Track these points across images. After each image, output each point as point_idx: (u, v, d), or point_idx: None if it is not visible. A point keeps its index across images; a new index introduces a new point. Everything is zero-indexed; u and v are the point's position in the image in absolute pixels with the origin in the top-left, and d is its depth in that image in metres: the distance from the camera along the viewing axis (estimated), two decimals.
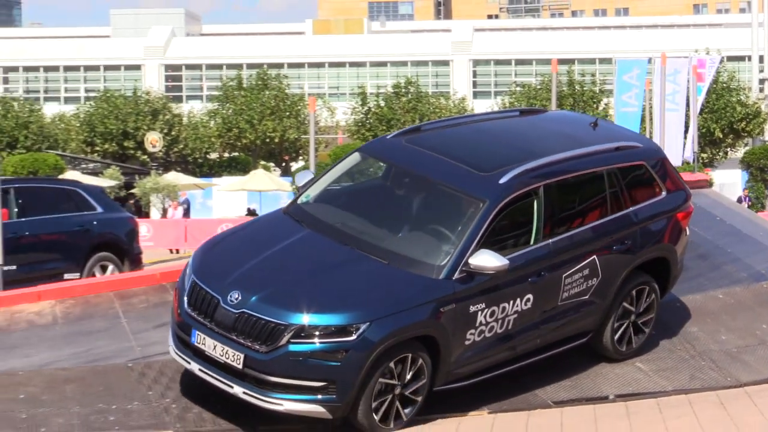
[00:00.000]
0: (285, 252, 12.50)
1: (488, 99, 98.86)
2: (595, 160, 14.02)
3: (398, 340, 11.60)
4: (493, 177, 12.80)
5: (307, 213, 13.29)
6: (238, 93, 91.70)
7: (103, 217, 24.45)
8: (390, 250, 12.46)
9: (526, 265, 12.65)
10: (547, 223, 13.00)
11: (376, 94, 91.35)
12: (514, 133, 14.87)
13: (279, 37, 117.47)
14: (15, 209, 23.09)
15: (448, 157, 13.46)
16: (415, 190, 13.47)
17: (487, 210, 12.41)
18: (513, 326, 12.57)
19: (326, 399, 11.33)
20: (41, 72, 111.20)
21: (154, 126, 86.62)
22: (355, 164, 14.11)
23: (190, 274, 12.48)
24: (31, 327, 16.45)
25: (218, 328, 11.69)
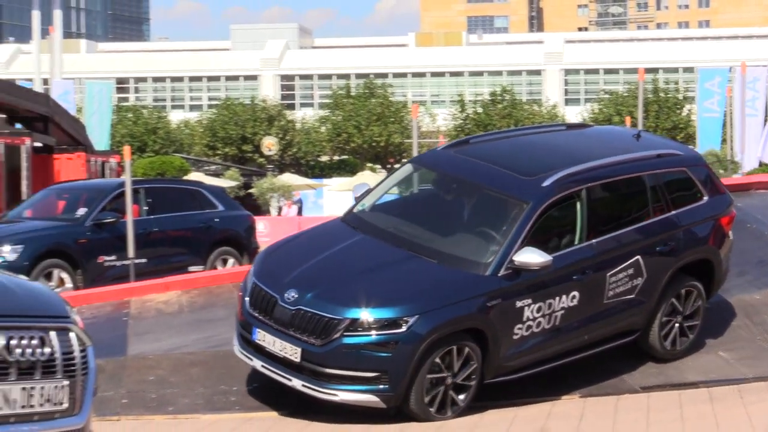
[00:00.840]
0: (339, 254, 12.53)
1: (578, 106, 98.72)
2: (637, 165, 13.84)
3: (446, 332, 11.55)
4: (536, 181, 12.71)
5: (361, 220, 13.30)
6: (346, 101, 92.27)
7: (224, 215, 24.68)
8: (439, 250, 12.44)
9: (571, 264, 12.53)
10: (590, 224, 12.86)
11: (474, 101, 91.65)
12: (559, 143, 14.79)
13: (384, 49, 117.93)
14: (145, 207, 23.38)
15: (495, 164, 13.43)
16: (464, 195, 13.49)
17: (531, 211, 12.32)
18: (560, 322, 12.42)
19: (379, 389, 11.29)
20: (168, 82, 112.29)
21: (270, 131, 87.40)
22: (407, 174, 14.14)
23: (252, 277, 12.55)
24: (160, 315, 16.66)
25: (277, 325, 11.73)
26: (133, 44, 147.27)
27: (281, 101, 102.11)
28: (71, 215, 23.24)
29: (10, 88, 35.27)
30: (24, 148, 31.21)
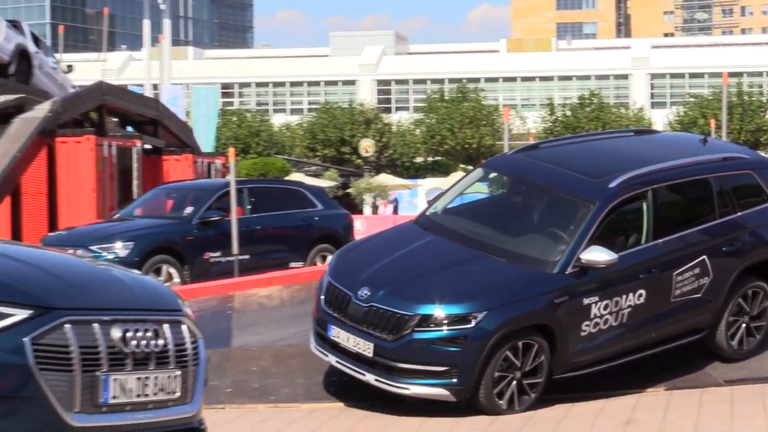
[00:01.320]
0: (410, 254, 12.54)
1: (664, 109, 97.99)
2: (702, 168, 13.69)
3: (514, 328, 11.52)
4: (603, 182, 12.65)
5: (433, 221, 13.29)
6: (440, 104, 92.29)
7: (323, 214, 24.78)
8: (508, 249, 12.41)
9: (637, 263, 12.40)
10: (656, 224, 12.70)
11: (563, 104, 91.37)
12: (626, 148, 14.67)
13: (476, 55, 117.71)
14: (248, 206, 23.54)
15: (563, 167, 13.40)
16: (532, 197, 13.48)
17: (597, 211, 12.25)
18: (628, 319, 12.29)
19: (449, 383, 11.26)
20: (270, 87, 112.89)
21: (367, 134, 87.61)
22: (478, 178, 14.12)
23: (327, 276, 12.60)
24: (262, 308, 16.79)
25: (350, 322, 11.75)
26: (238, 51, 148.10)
27: (378, 105, 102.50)
28: (179, 214, 23.52)
29: (122, 93, 35.62)
30: (135, 150, 31.49)
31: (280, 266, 21.92)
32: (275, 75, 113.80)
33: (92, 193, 29.31)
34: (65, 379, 5.84)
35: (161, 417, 6.35)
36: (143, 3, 63.54)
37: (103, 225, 24.17)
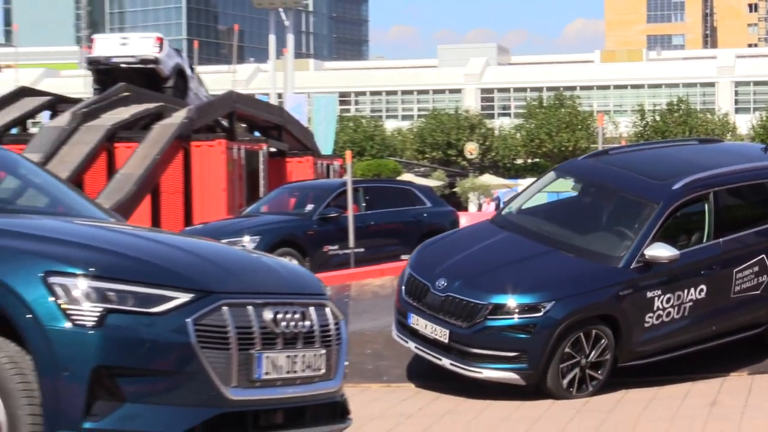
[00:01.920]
0: (485, 249, 12.48)
1: (747, 114, 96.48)
2: (762, 173, 13.40)
3: (580, 317, 11.42)
4: (667, 184, 12.45)
5: (507, 220, 13.22)
6: (539, 111, 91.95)
7: (432, 211, 24.84)
8: (576, 245, 12.31)
9: (699, 260, 12.19)
10: (717, 224, 12.43)
11: (652, 110, 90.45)
12: (690, 154, 14.45)
13: (572, 65, 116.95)
14: (363, 204, 23.69)
15: (630, 171, 13.23)
16: (600, 198, 13.33)
17: (661, 210, 12.06)
18: (689, 313, 12.06)
19: (519, 367, 11.22)
20: (383, 95, 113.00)
21: (471, 138, 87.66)
22: (551, 181, 14.01)
23: (408, 269, 12.61)
24: (375, 297, 16.86)
25: (428, 311, 11.74)
26: (354, 63, 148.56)
27: (481, 111, 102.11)
28: (301, 210, 23.77)
29: (250, 102, 35.96)
30: (261, 152, 31.77)
31: (391, 258, 21.97)
32: (388, 84, 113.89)
33: (223, 192, 29.67)
34: (223, 357, 5.95)
35: (308, 392, 6.44)
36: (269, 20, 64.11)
37: (233, 220, 24.47)
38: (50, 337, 5.71)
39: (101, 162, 29.27)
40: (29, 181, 7.96)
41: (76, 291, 5.77)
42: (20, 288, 5.80)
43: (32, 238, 6.23)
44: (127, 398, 5.75)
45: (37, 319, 5.73)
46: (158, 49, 34.54)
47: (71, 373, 5.67)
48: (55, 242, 6.17)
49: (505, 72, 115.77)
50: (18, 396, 5.71)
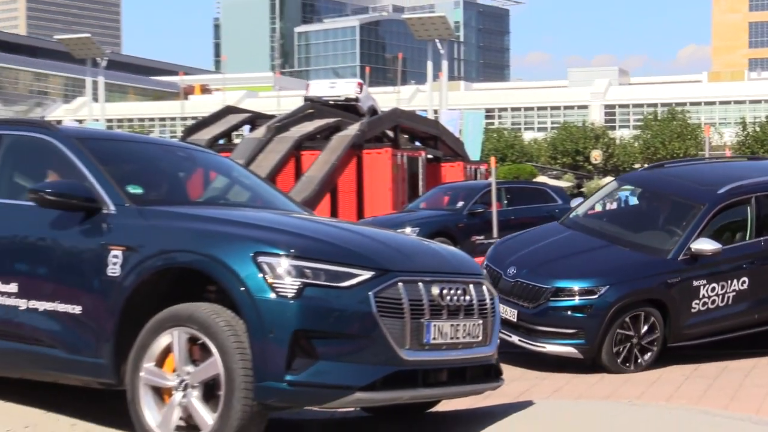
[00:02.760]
0: (551, 243, 12.24)
1: None
2: None
3: (631, 300, 11.14)
4: (712, 188, 12.09)
5: (573, 221, 12.96)
6: (654, 123, 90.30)
7: (562, 207, 24.54)
8: (631, 240, 12.02)
9: (742, 255, 11.77)
10: (759, 225, 11.99)
11: (753, 123, 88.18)
12: (737, 167, 14.11)
13: (683, 84, 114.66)
14: (505, 201, 23.69)
15: (683, 179, 12.94)
16: (655, 201, 12.96)
17: (706, 210, 11.69)
18: (732, 302, 11.63)
19: (578, 343, 11.00)
20: (522, 111, 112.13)
21: (596, 146, 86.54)
22: (613, 189, 13.72)
23: (485, 260, 12.42)
24: None
25: (501, 294, 11.49)
26: (497, 84, 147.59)
27: (605, 124, 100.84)
28: (453, 207, 23.94)
29: (411, 117, 36.20)
30: (420, 159, 31.93)
31: None
32: (526, 102, 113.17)
33: (389, 191, 29.91)
34: (398, 324, 5.99)
35: (467, 355, 6.43)
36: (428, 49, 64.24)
37: (397, 215, 24.74)
38: (259, 305, 5.82)
39: (290, 166, 29.79)
40: (237, 180, 8.07)
41: (279, 268, 5.87)
42: (235, 266, 5.92)
43: (244, 225, 6.36)
44: (320, 357, 5.83)
45: (248, 291, 5.85)
46: (359, 90, 37.05)
47: (275, 335, 5.78)
48: (262, 229, 6.30)
49: (625, 91, 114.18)
50: (233, 353, 5.83)
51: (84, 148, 6.98)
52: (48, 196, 6.57)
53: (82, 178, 6.76)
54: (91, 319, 6.38)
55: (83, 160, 6.88)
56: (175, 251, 6.19)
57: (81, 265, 6.49)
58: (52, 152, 7.07)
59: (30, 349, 6.63)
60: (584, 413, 7.19)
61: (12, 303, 6.69)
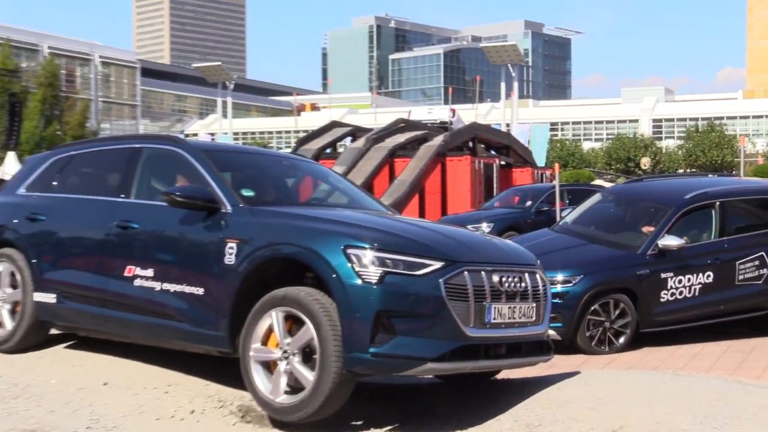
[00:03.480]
0: (539, 244, 11.53)
1: None
2: (763, 189, 12.39)
3: (602, 288, 10.72)
4: (680, 194, 11.71)
5: (561, 227, 12.63)
6: (695, 134, 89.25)
7: None
8: (607, 239, 11.61)
9: (707, 252, 11.29)
10: (722, 226, 11.49)
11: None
12: (707, 181, 13.58)
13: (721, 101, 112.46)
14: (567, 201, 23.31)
15: (656, 188, 12.68)
16: (631, 207, 12.49)
17: (673, 212, 11.29)
18: (699, 293, 11.14)
19: (556, 326, 10.48)
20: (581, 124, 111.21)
21: (645, 154, 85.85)
22: (597, 201, 13.15)
23: None
24: None
25: None
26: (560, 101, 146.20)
27: (653, 135, 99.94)
28: (522, 206, 23.86)
29: (487, 129, 36.00)
30: (494, 165, 31.78)
31: None
32: (584, 117, 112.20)
33: (468, 193, 29.86)
34: (464, 306, 6.00)
35: (523, 332, 6.41)
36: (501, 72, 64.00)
37: (475, 213, 24.76)
38: (348, 290, 5.87)
39: (385, 172, 29.87)
40: (335, 186, 8.10)
41: (365, 259, 5.92)
42: (329, 256, 5.98)
43: (336, 223, 6.40)
44: (398, 332, 5.85)
45: (339, 278, 5.91)
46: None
47: (361, 314, 5.82)
48: (351, 226, 6.32)
49: (670, 107, 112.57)
50: (327, 328, 5.91)
51: (206, 159, 7.08)
52: (177, 198, 6.70)
53: (204, 183, 6.87)
54: (212, 299, 6.47)
55: (206, 168, 6.99)
56: (280, 244, 6.25)
57: (203, 254, 6.58)
58: (181, 162, 7.19)
59: (163, 323, 6.75)
60: (629, 381, 7.06)
61: (149, 285, 6.81)
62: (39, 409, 6.49)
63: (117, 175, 7.53)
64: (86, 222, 7.40)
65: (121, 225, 7.09)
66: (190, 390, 6.86)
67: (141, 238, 7.00)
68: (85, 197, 7.64)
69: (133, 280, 6.89)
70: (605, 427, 6.07)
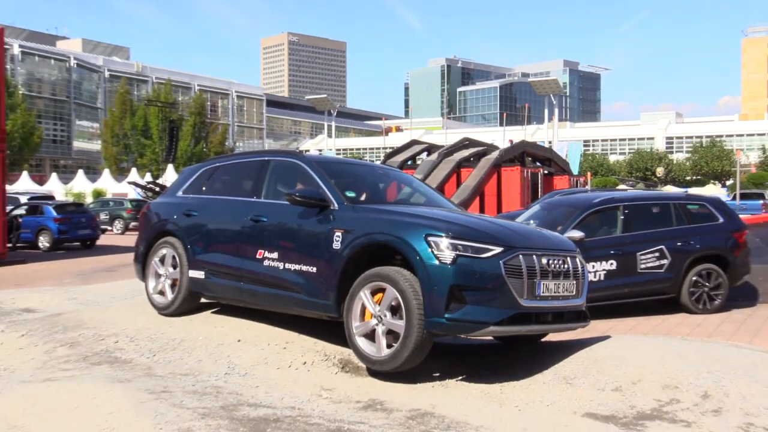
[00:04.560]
0: None
1: None
2: (665, 197, 11.84)
3: None
4: (590, 200, 11.34)
5: None
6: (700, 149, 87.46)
7: None
8: None
9: (611, 244, 10.75)
10: (625, 224, 11.02)
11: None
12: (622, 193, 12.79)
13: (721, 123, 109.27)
14: None
15: (576, 197, 12.13)
16: (556, 211, 11.70)
17: (580, 212, 10.95)
18: (605, 278, 10.61)
19: None
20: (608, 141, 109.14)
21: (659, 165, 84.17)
22: (539, 206, 12.49)
23: None
24: None
25: None
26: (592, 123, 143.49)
27: (665, 150, 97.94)
28: None
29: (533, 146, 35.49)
30: (539, 174, 31.32)
31: None
32: (611, 135, 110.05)
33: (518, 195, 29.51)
34: (519, 282, 5.92)
35: (565, 304, 6.28)
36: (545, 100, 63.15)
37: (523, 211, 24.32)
38: (428, 268, 5.84)
39: (453, 179, 29.70)
40: (416, 189, 8.05)
41: (442, 244, 5.88)
42: (413, 243, 5.96)
43: (419, 217, 6.32)
44: (467, 302, 5.79)
45: (421, 259, 5.88)
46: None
47: (438, 288, 5.78)
48: (431, 219, 6.25)
49: (680, 127, 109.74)
50: (411, 298, 5.90)
51: (319, 168, 7.11)
52: (297, 198, 6.73)
53: (317, 187, 6.89)
54: (323, 276, 6.48)
55: (319, 175, 7.01)
56: (375, 233, 6.24)
57: (316, 241, 6.60)
58: (299, 170, 7.22)
59: (285, 294, 6.77)
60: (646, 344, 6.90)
61: (275, 265, 6.85)
62: (190, 358, 6.62)
63: (250, 181, 7.60)
64: (227, 217, 7.48)
65: (253, 219, 7.16)
66: (303, 346, 6.88)
67: (269, 229, 7.04)
68: (227, 198, 7.72)
69: (263, 261, 6.94)
70: (626, 380, 5.97)
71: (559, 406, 5.71)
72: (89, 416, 4.97)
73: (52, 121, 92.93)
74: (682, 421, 5.34)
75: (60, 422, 4.93)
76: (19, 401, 5.29)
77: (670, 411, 5.51)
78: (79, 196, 49.73)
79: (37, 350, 6.93)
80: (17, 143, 62.74)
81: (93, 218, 27.19)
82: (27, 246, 25.60)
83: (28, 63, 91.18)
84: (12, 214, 25.27)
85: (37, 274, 17.80)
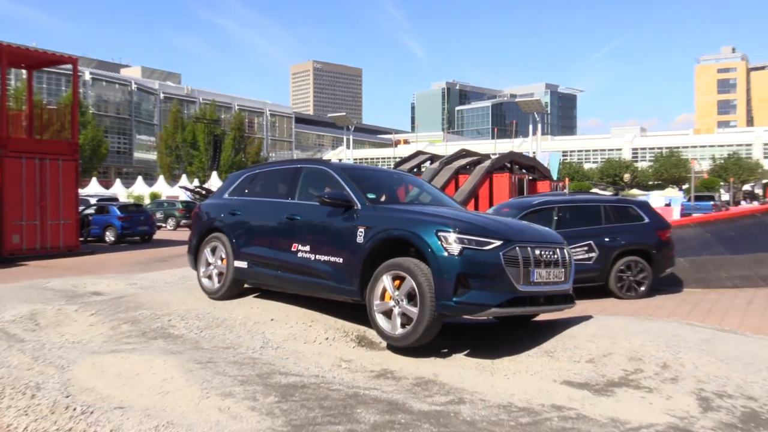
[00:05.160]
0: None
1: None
2: (595, 200, 11.55)
3: None
4: (530, 202, 11.27)
5: None
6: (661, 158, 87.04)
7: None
8: None
9: None
10: (559, 222, 10.89)
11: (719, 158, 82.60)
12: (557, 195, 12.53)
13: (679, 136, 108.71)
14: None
15: (521, 201, 11.84)
16: (510, 212, 11.11)
17: (517, 213, 10.76)
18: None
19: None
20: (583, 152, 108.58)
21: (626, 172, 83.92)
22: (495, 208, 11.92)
23: None
24: None
25: None
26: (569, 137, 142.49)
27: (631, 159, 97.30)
28: None
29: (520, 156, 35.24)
30: (525, 180, 31.18)
31: None
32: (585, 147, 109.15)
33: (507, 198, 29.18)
34: (516, 270, 5.86)
35: (555, 288, 6.20)
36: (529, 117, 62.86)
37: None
38: (438, 259, 5.80)
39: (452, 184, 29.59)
40: (424, 190, 7.97)
41: (450, 238, 5.84)
42: (426, 237, 5.93)
43: (430, 215, 6.27)
44: (472, 288, 5.74)
45: (433, 251, 5.84)
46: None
47: (447, 276, 5.75)
48: (440, 217, 6.20)
49: (644, 140, 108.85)
50: (425, 284, 5.87)
51: (344, 174, 7.08)
52: (326, 200, 6.70)
53: (343, 190, 6.86)
54: (348, 265, 6.45)
55: (344, 180, 6.98)
56: (393, 229, 6.20)
57: (342, 236, 6.56)
58: (327, 176, 7.18)
59: (316, 281, 6.74)
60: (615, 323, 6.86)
61: (307, 256, 6.81)
62: (231, 334, 6.62)
63: (286, 185, 7.57)
64: (266, 215, 7.45)
65: (289, 217, 7.13)
66: (325, 324, 6.86)
67: (302, 226, 7.00)
68: (266, 199, 7.68)
69: (297, 253, 6.91)
70: (598, 353, 5.95)
71: (541, 375, 5.71)
72: (147, 381, 5.08)
73: (117, 136, 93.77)
74: (645, 387, 5.34)
75: (123, 386, 5.04)
76: (90, 368, 5.44)
77: (635, 379, 5.50)
78: (138, 198, 50.01)
79: (104, 327, 6.98)
80: (88, 154, 63.27)
81: (150, 217, 27.41)
82: (95, 240, 25.90)
83: (96, 87, 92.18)
84: (83, 213, 25.58)
85: (104, 263, 17.90)
